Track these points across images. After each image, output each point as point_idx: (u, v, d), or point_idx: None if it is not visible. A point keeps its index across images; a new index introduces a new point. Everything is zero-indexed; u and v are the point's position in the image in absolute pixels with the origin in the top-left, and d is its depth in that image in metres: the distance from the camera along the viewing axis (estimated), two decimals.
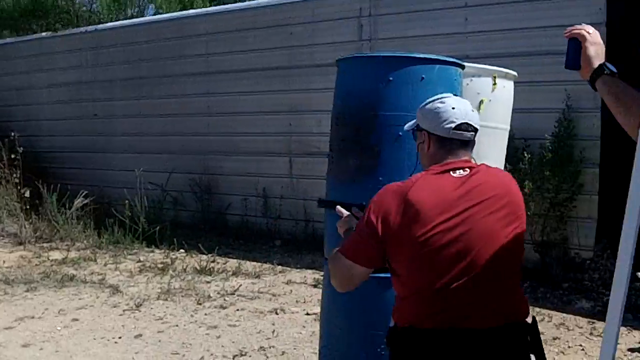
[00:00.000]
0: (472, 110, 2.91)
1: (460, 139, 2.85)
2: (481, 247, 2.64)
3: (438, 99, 2.93)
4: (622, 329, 6.61)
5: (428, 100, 2.97)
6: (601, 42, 2.58)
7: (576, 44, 2.57)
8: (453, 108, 2.85)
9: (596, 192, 8.17)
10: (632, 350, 6.24)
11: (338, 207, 3.31)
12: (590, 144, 8.11)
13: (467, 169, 2.80)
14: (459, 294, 2.62)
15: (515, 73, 4.87)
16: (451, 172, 2.78)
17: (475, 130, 2.89)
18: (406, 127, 3.19)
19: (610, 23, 8.08)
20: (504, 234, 2.70)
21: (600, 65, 2.44)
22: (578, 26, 2.61)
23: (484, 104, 4.49)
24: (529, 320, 2.77)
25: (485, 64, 4.93)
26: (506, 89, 4.66)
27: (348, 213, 3.21)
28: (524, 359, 2.71)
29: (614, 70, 2.41)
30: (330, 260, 2.95)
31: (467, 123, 2.85)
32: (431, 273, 2.63)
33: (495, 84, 4.56)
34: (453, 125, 2.82)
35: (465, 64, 4.19)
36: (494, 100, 4.50)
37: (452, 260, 2.62)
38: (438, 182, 2.74)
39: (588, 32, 2.56)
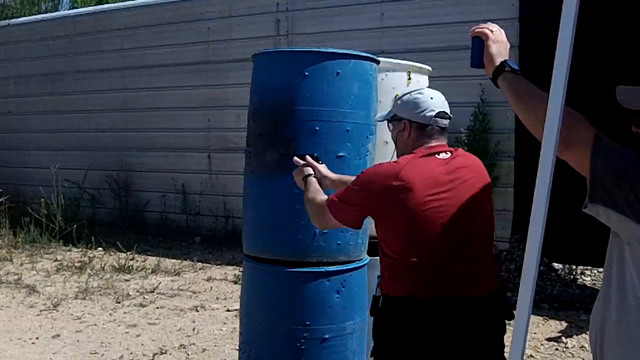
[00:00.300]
0: (445, 101, 3.14)
1: (440, 126, 3.08)
2: (470, 220, 2.91)
3: (415, 90, 3.17)
4: (539, 319, 6.80)
5: (405, 92, 3.19)
6: (504, 40, 2.59)
7: (480, 43, 2.58)
8: (431, 98, 3.09)
9: (512, 184, 8.37)
10: (549, 339, 6.40)
11: (295, 157, 3.48)
12: (505, 137, 8.30)
13: (448, 152, 3.05)
14: (456, 264, 2.85)
15: (429, 68, 4.95)
16: (436, 155, 3.01)
17: (450, 118, 3.12)
18: (379, 117, 3.42)
19: (523, 19, 8.28)
20: (485, 208, 3.04)
21: (502, 63, 2.45)
22: (482, 24, 2.63)
23: None
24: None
25: (401, 59, 4.99)
26: (420, 83, 4.72)
27: (303, 162, 3.44)
28: (503, 323, 3.01)
29: (516, 67, 2.41)
30: (316, 205, 3.18)
31: (444, 111, 3.09)
32: (427, 244, 2.83)
33: (410, 78, 4.61)
34: (433, 113, 3.06)
35: (380, 59, 4.24)
36: None
37: (446, 232, 2.84)
38: (426, 163, 2.95)
39: (491, 31, 2.57)
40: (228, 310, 7.20)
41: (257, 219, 4.09)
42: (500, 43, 2.55)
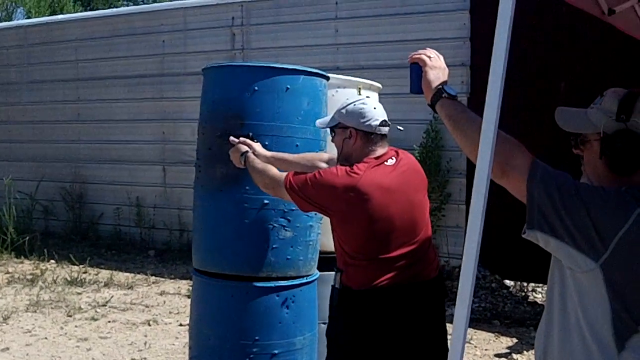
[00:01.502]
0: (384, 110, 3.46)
1: (382, 133, 3.37)
2: (417, 216, 3.35)
3: (358, 100, 3.44)
4: (490, 335, 6.87)
5: (348, 102, 3.43)
6: (443, 65, 2.59)
7: (418, 69, 2.59)
8: (374, 108, 3.39)
9: (464, 201, 8.43)
10: (498, 355, 6.46)
11: (231, 137, 3.74)
12: (457, 155, 8.37)
13: (393, 158, 3.37)
14: (410, 256, 3.25)
15: (379, 85, 4.98)
16: (385, 163, 3.33)
17: (389, 125, 3.42)
18: (320, 123, 3.60)
19: (474, 37, 8.41)
20: (426, 206, 3.48)
21: (439, 89, 2.44)
22: (420, 50, 2.63)
23: None
24: None
25: (354, 76, 5.03)
26: (371, 99, 4.75)
27: (238, 140, 3.70)
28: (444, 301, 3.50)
29: (453, 93, 2.42)
30: (269, 177, 3.46)
31: (385, 120, 3.39)
32: (386, 242, 3.21)
33: (360, 95, 4.65)
34: (377, 122, 3.34)
35: (331, 75, 4.27)
36: None
37: (401, 229, 3.23)
38: (379, 172, 3.26)
39: (429, 57, 2.58)
40: (181, 325, 7.16)
41: (207, 233, 4.09)
42: (438, 69, 2.55)
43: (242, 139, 3.69)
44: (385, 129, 3.37)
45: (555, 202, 2.00)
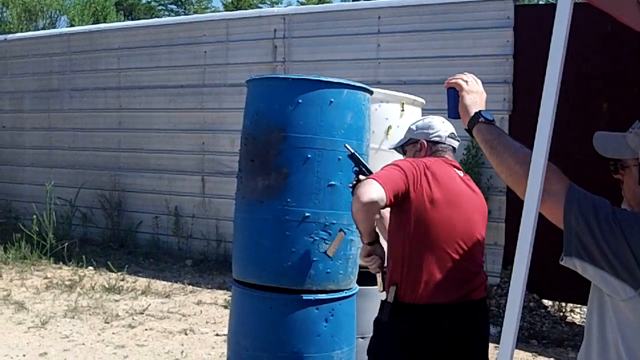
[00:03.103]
0: None
1: (452, 145, 3.47)
2: (475, 236, 3.28)
3: (427, 117, 3.56)
4: (528, 355, 6.80)
5: (417, 120, 3.60)
6: (480, 89, 2.59)
7: (455, 94, 2.59)
8: (443, 122, 3.49)
9: (503, 219, 8.37)
10: None
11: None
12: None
13: (462, 171, 3.43)
14: (465, 272, 3.22)
15: (423, 100, 4.98)
16: (455, 168, 3.39)
17: (459, 141, 3.53)
18: (392, 146, 3.72)
19: (517, 55, 8.36)
20: (483, 230, 3.38)
21: (476, 114, 2.44)
22: (458, 75, 2.64)
23: (392, 130, 4.57)
24: None
25: (396, 91, 5.02)
26: (414, 115, 4.74)
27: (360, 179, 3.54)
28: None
29: (490, 118, 2.40)
30: (360, 186, 3.25)
31: (454, 133, 3.47)
32: (440, 252, 3.17)
33: (403, 110, 4.63)
34: (447, 133, 3.44)
35: (375, 89, 4.26)
36: (401, 127, 4.57)
37: (459, 244, 3.20)
38: (450, 170, 3.32)
39: (465, 81, 2.58)
40: (217, 335, 7.19)
41: (247, 244, 4.09)
42: (474, 93, 2.55)
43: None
44: (454, 142, 3.46)
45: (593, 229, 1.95)
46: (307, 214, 3.83)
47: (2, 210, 11.64)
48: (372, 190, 3.07)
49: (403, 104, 4.67)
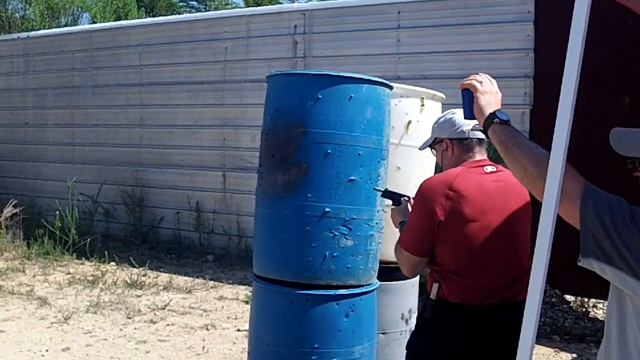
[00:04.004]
0: None
1: (478, 137, 3.30)
2: (519, 235, 3.21)
3: (448, 112, 3.42)
4: (550, 350, 6.77)
5: (439, 117, 3.48)
6: (494, 89, 2.59)
7: (469, 95, 2.59)
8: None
9: None
10: None
11: (404, 197, 3.63)
12: None
13: (493, 166, 3.28)
14: (509, 274, 3.14)
15: (443, 95, 4.96)
16: (483, 168, 3.24)
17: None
18: (421, 146, 3.60)
19: (538, 49, 8.31)
20: (527, 224, 3.25)
21: (491, 114, 2.43)
22: (472, 76, 2.64)
23: (412, 125, 4.56)
24: None
25: (416, 86, 5.00)
26: (434, 110, 4.73)
27: (402, 205, 3.60)
28: None
29: (505, 118, 2.39)
30: (395, 252, 3.36)
31: (478, 124, 3.17)
32: (481, 256, 3.10)
33: (423, 105, 4.61)
34: (470, 127, 3.29)
35: (394, 84, 4.25)
36: (421, 121, 4.56)
37: (501, 244, 3.12)
38: (476, 177, 3.18)
39: (479, 82, 2.58)
40: (238, 330, 7.21)
41: (267, 240, 4.09)
42: (489, 94, 2.54)
43: (403, 199, 3.62)
44: (480, 134, 3.29)
45: (609, 229, 1.92)
46: (327, 209, 3.82)
47: (25, 206, 11.72)
48: (408, 266, 3.30)
49: (423, 98, 4.65)
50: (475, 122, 3.25)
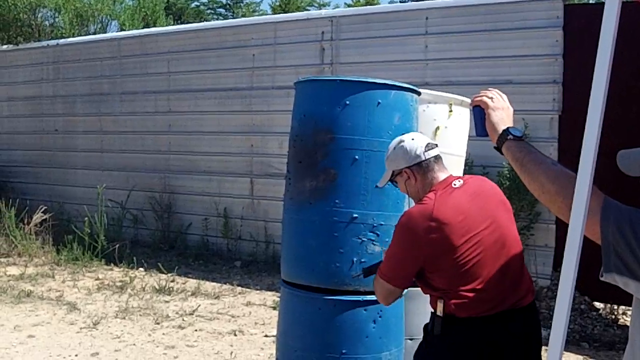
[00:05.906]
0: (424, 135, 3.40)
1: (434, 156, 3.27)
2: (508, 238, 3.17)
3: (396, 142, 3.36)
4: (579, 358, 6.72)
5: (388, 151, 3.38)
6: (506, 105, 2.55)
7: (480, 112, 2.55)
8: (412, 139, 3.31)
9: (554, 221, 8.24)
10: None
11: None
12: None
13: (458, 179, 3.24)
14: (507, 279, 3.10)
15: (470, 101, 4.96)
16: (452, 185, 3.19)
17: (436, 145, 3.31)
18: (381, 184, 3.52)
19: (567, 55, 8.26)
20: (512, 223, 3.25)
21: (504, 131, 2.39)
22: (482, 92, 2.60)
23: (440, 131, 4.56)
24: None
25: (444, 92, 5.00)
26: (462, 116, 4.73)
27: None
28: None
29: (519, 134, 2.36)
30: (374, 282, 3.35)
31: (429, 142, 3.31)
32: (475, 274, 3.05)
33: (451, 111, 4.62)
34: (422, 149, 3.25)
35: (422, 90, 4.26)
36: (449, 127, 4.57)
37: (493, 253, 3.07)
38: (452, 199, 3.12)
39: (490, 98, 2.54)
40: (266, 336, 7.22)
41: (295, 246, 4.11)
42: (501, 110, 2.51)
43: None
44: (433, 152, 3.27)
45: (631, 243, 1.87)
46: (355, 215, 3.84)
47: (54, 212, 11.83)
48: (382, 294, 3.30)
49: (451, 104, 4.65)
50: (426, 140, 3.24)
